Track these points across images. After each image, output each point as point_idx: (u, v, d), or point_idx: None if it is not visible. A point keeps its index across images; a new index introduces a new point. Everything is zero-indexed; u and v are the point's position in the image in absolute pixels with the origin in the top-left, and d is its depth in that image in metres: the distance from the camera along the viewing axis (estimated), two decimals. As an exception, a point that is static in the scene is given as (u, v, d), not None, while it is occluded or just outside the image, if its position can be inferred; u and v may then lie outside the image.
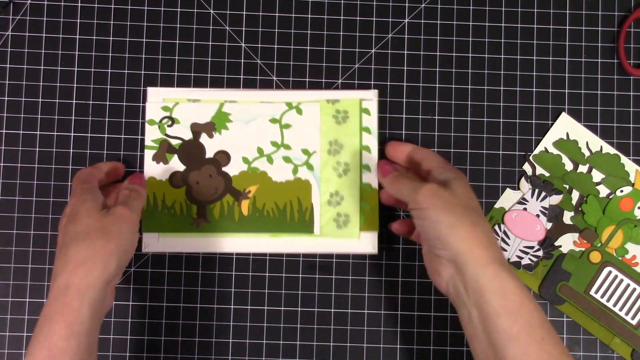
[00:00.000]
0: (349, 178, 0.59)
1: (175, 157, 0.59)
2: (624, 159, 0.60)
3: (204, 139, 0.59)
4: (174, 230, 0.58)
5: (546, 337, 0.45)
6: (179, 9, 0.61)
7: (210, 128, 0.59)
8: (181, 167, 0.59)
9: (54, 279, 0.48)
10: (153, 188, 0.59)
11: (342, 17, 0.62)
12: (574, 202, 0.60)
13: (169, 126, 0.59)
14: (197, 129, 0.59)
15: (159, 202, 0.58)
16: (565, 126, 0.61)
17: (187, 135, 0.59)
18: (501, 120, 0.61)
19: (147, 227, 0.58)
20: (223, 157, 0.59)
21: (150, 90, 0.59)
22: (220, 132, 0.59)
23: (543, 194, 0.60)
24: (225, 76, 0.61)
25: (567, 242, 0.60)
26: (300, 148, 0.59)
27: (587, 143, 0.61)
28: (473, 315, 0.47)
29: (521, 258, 0.60)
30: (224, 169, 0.59)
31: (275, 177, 0.59)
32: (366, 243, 0.59)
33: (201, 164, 0.59)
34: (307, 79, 0.61)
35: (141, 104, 0.60)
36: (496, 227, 0.60)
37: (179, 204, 0.59)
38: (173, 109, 0.59)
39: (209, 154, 0.59)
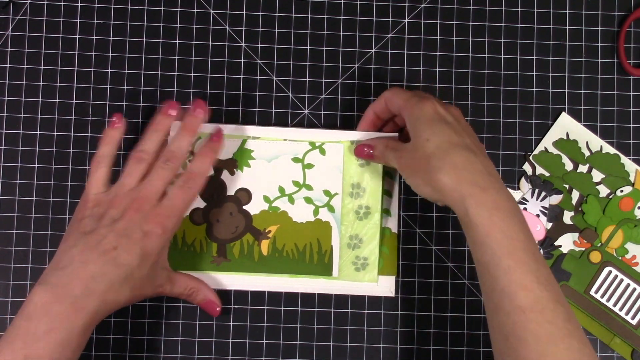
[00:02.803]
0: (369, 221, 0.58)
1: None
2: (624, 159, 0.60)
3: (225, 175, 0.58)
4: (194, 269, 0.57)
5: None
6: (179, 9, 0.61)
7: (232, 165, 0.58)
8: (202, 204, 0.57)
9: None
10: None
11: (342, 17, 0.62)
12: (574, 202, 0.60)
13: (189, 161, 0.55)
14: (218, 165, 0.57)
15: (179, 239, 0.57)
16: (565, 126, 0.61)
17: None
18: (501, 120, 0.61)
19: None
20: (244, 195, 0.58)
21: (173, 125, 0.56)
22: (242, 169, 0.58)
23: (543, 193, 0.60)
24: (225, 76, 0.61)
25: (567, 242, 0.60)
26: (322, 189, 0.58)
27: (587, 143, 0.61)
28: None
29: (521, 258, 0.60)
30: (245, 207, 0.58)
31: (295, 217, 0.58)
32: (384, 287, 0.58)
33: (222, 201, 0.58)
34: (307, 79, 0.61)
35: (141, 104, 0.60)
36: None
37: (199, 242, 0.57)
38: (194, 144, 0.56)
39: (230, 191, 0.58)
